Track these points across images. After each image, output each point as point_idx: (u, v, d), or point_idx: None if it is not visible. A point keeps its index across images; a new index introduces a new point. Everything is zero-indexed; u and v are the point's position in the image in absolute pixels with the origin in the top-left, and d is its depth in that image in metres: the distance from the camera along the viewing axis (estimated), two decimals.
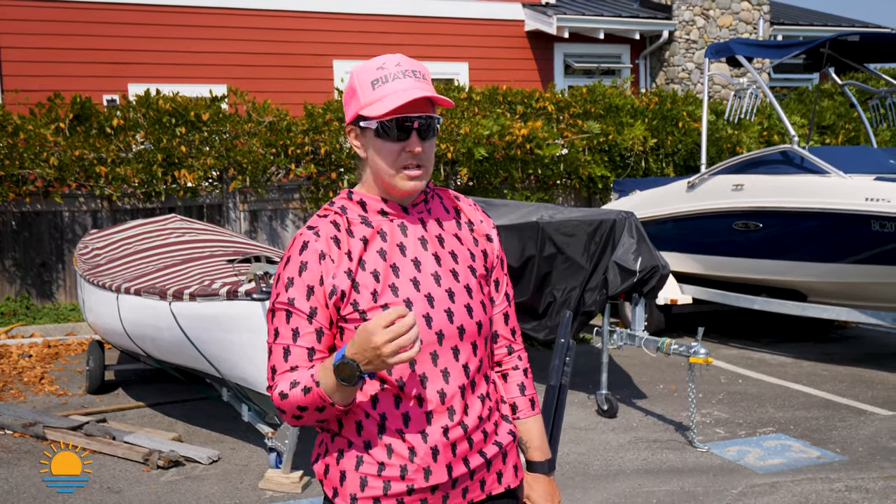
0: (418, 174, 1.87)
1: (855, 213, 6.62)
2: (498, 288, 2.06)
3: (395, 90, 1.83)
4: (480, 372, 1.94)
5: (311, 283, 1.84)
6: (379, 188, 1.92)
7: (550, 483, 2.08)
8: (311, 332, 1.84)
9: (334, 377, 1.74)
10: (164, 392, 6.71)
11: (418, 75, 1.87)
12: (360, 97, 1.87)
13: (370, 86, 1.85)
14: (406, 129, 1.84)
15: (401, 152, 1.85)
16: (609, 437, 5.61)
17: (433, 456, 1.85)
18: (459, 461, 1.88)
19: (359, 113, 1.87)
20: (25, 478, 4.93)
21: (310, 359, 1.84)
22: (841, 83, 9.48)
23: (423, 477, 1.84)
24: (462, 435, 1.88)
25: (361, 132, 1.89)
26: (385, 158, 1.86)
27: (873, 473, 4.88)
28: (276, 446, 4.86)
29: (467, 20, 13.54)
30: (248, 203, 10.32)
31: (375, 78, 1.85)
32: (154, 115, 9.83)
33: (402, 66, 1.86)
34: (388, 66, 1.86)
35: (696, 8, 14.14)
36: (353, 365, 1.71)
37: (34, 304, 9.59)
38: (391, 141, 1.85)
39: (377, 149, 1.87)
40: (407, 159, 1.86)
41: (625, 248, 5.83)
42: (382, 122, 1.84)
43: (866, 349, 8.22)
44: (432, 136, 1.89)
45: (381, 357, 1.68)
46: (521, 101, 11.50)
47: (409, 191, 1.89)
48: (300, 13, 12.64)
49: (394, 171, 1.86)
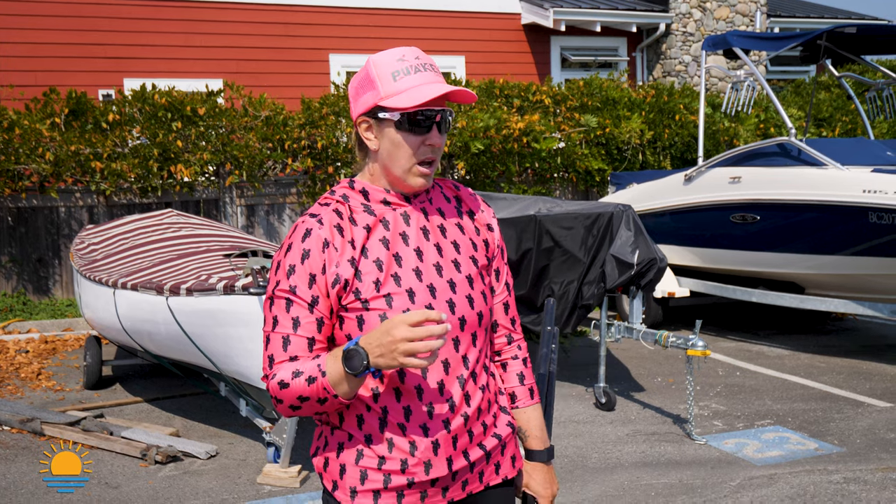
0: (429, 171, 1.87)
1: (852, 204, 6.61)
2: (498, 277, 2.05)
3: (420, 83, 1.81)
4: (480, 363, 1.93)
5: (313, 272, 1.81)
6: (386, 180, 1.90)
7: (549, 471, 2.09)
8: (311, 322, 1.82)
9: (342, 366, 1.71)
10: (162, 387, 6.71)
11: (435, 69, 1.86)
12: (380, 88, 1.83)
13: (391, 77, 1.82)
14: (428, 123, 1.83)
15: (420, 145, 1.84)
16: (607, 430, 5.61)
17: (434, 450, 1.84)
18: (460, 454, 1.88)
19: (378, 104, 1.83)
20: (23, 474, 4.92)
21: (310, 349, 1.82)
22: (838, 75, 9.47)
23: (423, 470, 1.84)
24: (462, 427, 1.87)
25: (378, 123, 1.86)
26: (404, 151, 1.84)
27: (871, 465, 4.88)
28: (274, 441, 4.86)
29: (464, 13, 13.51)
30: (244, 198, 10.30)
31: (396, 70, 1.82)
32: (150, 109, 9.80)
33: (420, 59, 1.85)
34: (408, 58, 1.83)
35: (692, 0, 14.12)
36: (362, 353, 1.69)
37: (31, 299, 9.57)
38: (413, 134, 1.83)
39: (395, 141, 1.84)
40: (426, 153, 1.85)
41: (622, 242, 5.82)
42: (408, 114, 1.81)
43: (864, 341, 8.23)
44: (447, 130, 1.88)
45: (394, 352, 1.65)
46: (518, 95, 11.48)
47: (418, 187, 1.88)
48: (296, 7, 12.61)
49: (409, 166, 1.85)
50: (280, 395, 1.80)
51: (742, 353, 7.76)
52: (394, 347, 1.65)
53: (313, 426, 5.49)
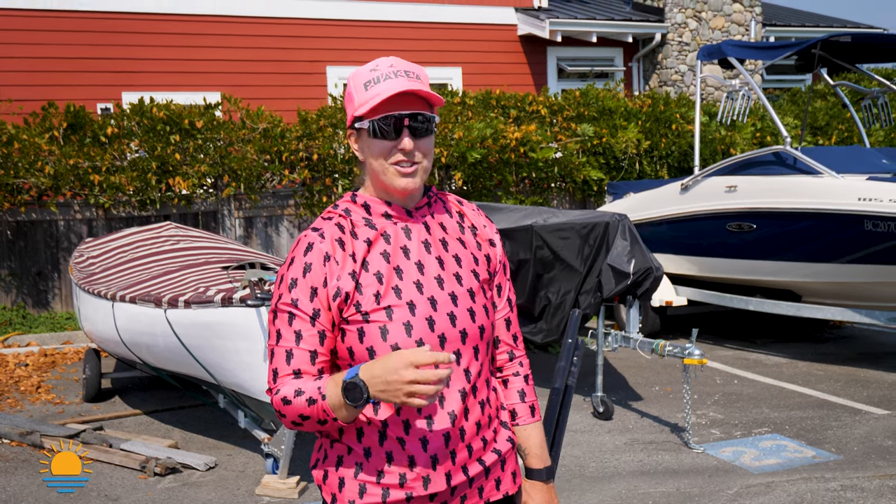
0: (410, 171, 1.87)
1: (848, 213, 6.64)
2: (500, 293, 2.05)
3: (385, 89, 1.83)
4: (482, 377, 1.93)
5: (314, 285, 1.83)
6: (379, 190, 1.92)
7: (549, 491, 2.07)
8: (313, 335, 1.83)
9: (341, 394, 1.73)
10: (161, 399, 6.72)
11: (411, 75, 1.86)
12: (355, 100, 1.88)
13: (363, 87, 1.86)
14: (397, 127, 1.84)
15: (392, 150, 1.85)
16: (605, 439, 5.63)
17: (432, 464, 1.84)
18: (458, 469, 1.88)
19: (354, 115, 1.88)
20: (22, 486, 4.92)
21: (312, 362, 1.83)
22: (833, 84, 9.52)
23: (421, 485, 1.84)
24: (461, 442, 1.87)
25: (358, 134, 1.90)
26: (377, 157, 1.86)
27: (868, 472, 4.89)
28: (272, 452, 4.87)
29: (460, 25, 13.58)
30: (242, 210, 10.33)
31: (368, 79, 1.86)
32: (148, 123, 9.84)
33: (394, 66, 1.86)
34: (380, 68, 1.87)
35: (688, 10, 14.19)
36: (361, 387, 1.71)
37: (30, 313, 9.59)
38: (382, 139, 1.85)
39: (370, 148, 1.87)
40: (398, 157, 1.85)
41: (618, 251, 5.84)
42: (373, 120, 1.84)
43: (861, 349, 8.24)
44: (427, 135, 1.88)
45: (397, 392, 1.67)
46: (515, 105, 11.52)
47: (403, 187, 1.88)
48: (293, 20, 12.66)
49: (387, 170, 1.86)
50: (283, 411, 1.83)
51: (739, 361, 7.78)
52: (398, 388, 1.67)
53: (313, 438, 5.50)
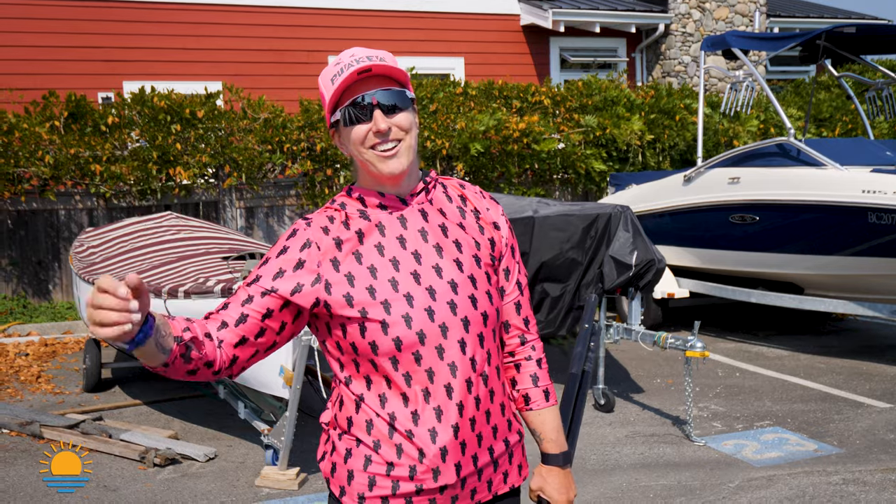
0: (392, 152, 1.82)
1: (852, 205, 6.61)
2: (508, 276, 1.99)
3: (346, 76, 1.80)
4: (490, 365, 1.89)
5: (283, 267, 1.82)
6: (370, 180, 1.89)
7: (566, 476, 2.03)
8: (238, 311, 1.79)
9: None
10: (161, 390, 6.71)
11: (373, 58, 1.82)
12: (326, 97, 1.86)
13: (331, 83, 1.83)
14: (366, 110, 1.81)
15: (367, 134, 1.82)
16: (606, 432, 5.61)
17: (442, 456, 1.82)
18: (468, 459, 1.85)
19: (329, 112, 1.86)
20: (22, 477, 4.92)
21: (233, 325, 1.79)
22: (837, 75, 9.47)
23: (432, 477, 1.82)
24: (470, 431, 1.85)
25: (338, 130, 1.88)
26: (356, 145, 1.83)
27: (870, 466, 4.87)
28: (272, 443, 4.86)
29: (463, 15, 13.52)
30: (243, 200, 10.31)
31: (334, 74, 1.83)
32: (149, 112, 9.81)
33: (355, 55, 1.83)
34: (343, 60, 1.84)
35: (691, 1, 14.11)
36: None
37: (31, 302, 9.58)
38: (356, 124, 1.82)
39: (349, 139, 1.84)
40: (374, 140, 1.81)
41: (620, 243, 5.81)
42: (343, 108, 1.82)
43: (864, 342, 8.22)
44: (402, 110, 1.83)
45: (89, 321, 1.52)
46: (518, 96, 11.48)
47: (390, 172, 1.83)
48: (294, 9, 12.61)
49: (366, 155, 1.83)
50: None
51: (741, 353, 7.76)
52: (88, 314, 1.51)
53: (312, 429, 5.49)
